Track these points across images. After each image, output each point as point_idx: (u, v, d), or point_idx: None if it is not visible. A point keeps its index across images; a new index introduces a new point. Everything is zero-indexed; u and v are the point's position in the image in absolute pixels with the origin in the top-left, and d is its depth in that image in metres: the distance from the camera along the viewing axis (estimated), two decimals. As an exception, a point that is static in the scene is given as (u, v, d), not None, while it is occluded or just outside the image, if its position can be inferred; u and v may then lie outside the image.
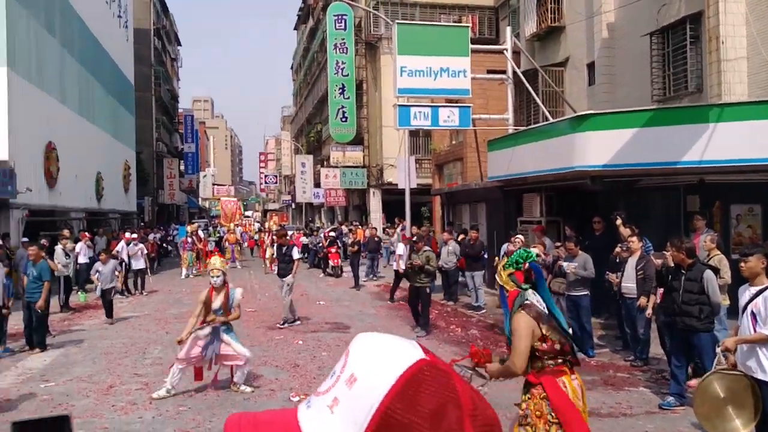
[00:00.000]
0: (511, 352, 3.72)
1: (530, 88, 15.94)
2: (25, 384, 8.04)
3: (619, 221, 9.57)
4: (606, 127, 10.70)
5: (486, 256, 13.98)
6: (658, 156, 10.11)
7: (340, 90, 32.44)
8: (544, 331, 3.63)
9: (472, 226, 14.88)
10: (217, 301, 7.52)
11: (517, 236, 11.16)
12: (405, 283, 13.23)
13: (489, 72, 17.80)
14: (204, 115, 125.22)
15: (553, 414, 3.60)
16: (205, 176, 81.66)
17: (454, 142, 22.24)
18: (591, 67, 17.38)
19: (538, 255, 11.06)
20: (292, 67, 70.17)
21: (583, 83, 17.89)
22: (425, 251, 11.24)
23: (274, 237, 24.23)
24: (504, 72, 16.74)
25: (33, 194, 17.98)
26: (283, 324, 12.03)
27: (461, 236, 14.92)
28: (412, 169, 18.67)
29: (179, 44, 68.04)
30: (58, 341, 10.81)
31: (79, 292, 15.94)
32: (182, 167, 59.37)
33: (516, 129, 15.55)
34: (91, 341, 10.84)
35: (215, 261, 7.92)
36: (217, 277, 7.59)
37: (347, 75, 32.47)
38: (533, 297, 3.80)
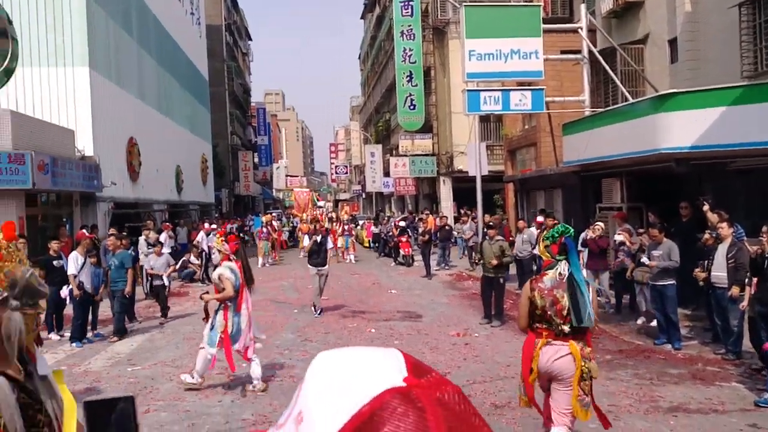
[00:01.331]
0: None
1: (608, 68, 15.26)
2: (113, 367, 8.42)
3: (706, 207, 9.12)
4: (692, 107, 10.18)
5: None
6: (749, 136, 9.47)
7: (408, 77, 32.23)
8: (534, 297, 4.39)
9: (547, 214, 14.41)
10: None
11: (598, 223, 10.74)
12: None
13: (562, 52, 17.18)
14: (275, 107, 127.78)
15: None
16: (278, 168, 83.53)
17: (526, 127, 21.67)
18: (673, 43, 16.45)
19: (622, 242, 10.72)
20: (359, 57, 70.43)
21: (664, 61, 16.96)
22: (498, 240, 10.99)
23: (345, 227, 24.62)
24: (578, 52, 16.11)
25: (117, 188, 18.86)
26: (319, 312, 12.08)
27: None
28: (483, 155, 18.32)
29: (250, 39, 69.54)
30: (144, 327, 11.30)
31: (162, 280, 16.61)
32: (256, 159, 60.87)
33: (593, 111, 14.94)
34: (174, 327, 11.26)
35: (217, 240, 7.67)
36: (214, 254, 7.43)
37: (415, 62, 32.21)
38: (564, 268, 4.36)
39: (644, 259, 9.11)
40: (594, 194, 14.17)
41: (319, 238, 12.30)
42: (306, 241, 13.82)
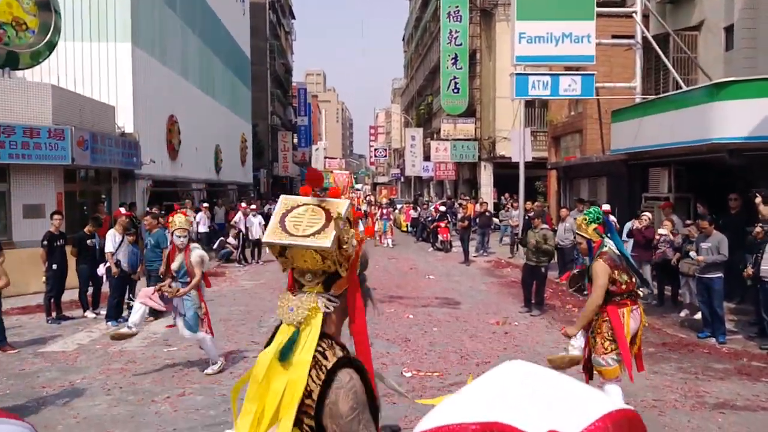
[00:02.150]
0: (591, 290, 5.00)
1: (662, 54, 14.61)
2: (149, 348, 8.43)
3: (758, 199, 8.85)
4: (748, 96, 9.82)
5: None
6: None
7: (453, 60, 31.67)
8: (615, 276, 4.87)
9: (591, 203, 13.95)
10: (177, 262, 7.14)
11: (645, 213, 10.36)
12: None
13: (614, 37, 16.55)
14: (316, 88, 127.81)
15: (609, 333, 4.92)
16: (317, 149, 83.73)
17: (573, 113, 21.03)
18: (729, 30, 15.67)
19: (663, 235, 10.33)
20: (403, 39, 69.75)
21: (719, 48, 16.18)
22: (542, 229, 10.69)
23: (383, 211, 24.44)
24: (629, 37, 15.49)
25: (156, 165, 18.94)
26: None
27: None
28: (527, 141, 17.87)
29: (293, 17, 69.41)
30: (180, 306, 11.32)
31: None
32: (295, 140, 61.04)
33: (643, 98, 14.34)
34: (211, 307, 11.09)
35: (179, 219, 7.18)
36: (182, 237, 7.08)
37: (460, 44, 31.61)
38: (611, 244, 5.02)
39: (692, 254, 8.95)
40: (641, 183, 13.69)
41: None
42: None
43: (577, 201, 13.44)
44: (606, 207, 11.28)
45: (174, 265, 7.14)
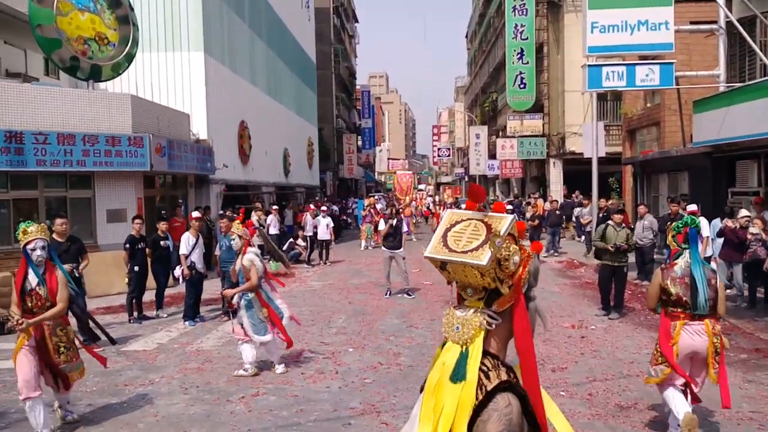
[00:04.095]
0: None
1: (748, 38, 13.73)
2: (224, 347, 8.54)
3: None
4: None
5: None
6: None
7: (519, 55, 31.01)
8: (666, 285, 4.97)
9: (671, 199, 13.24)
10: (237, 264, 7.30)
11: (743, 211, 9.67)
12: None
13: (692, 23, 15.68)
14: (379, 90, 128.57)
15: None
16: (380, 151, 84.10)
17: (649, 105, 20.11)
18: (824, 9, 14.58)
19: (755, 234, 9.62)
20: (466, 36, 69.06)
21: (812, 30, 15.10)
22: (624, 228, 10.16)
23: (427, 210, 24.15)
24: (708, 23, 14.62)
25: (229, 170, 19.45)
26: (388, 294, 12.40)
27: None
28: (600, 136, 17.19)
29: (356, 21, 69.99)
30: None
31: (271, 261, 16.95)
32: (359, 142, 61.48)
33: (729, 86, 13.50)
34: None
35: (236, 225, 7.44)
36: (235, 241, 7.29)
37: (526, 38, 30.91)
38: (685, 256, 4.98)
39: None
40: (727, 177, 12.87)
41: (394, 222, 12.59)
42: (381, 227, 14.08)
43: (672, 200, 12.66)
44: (693, 207, 10.67)
45: (236, 267, 7.33)
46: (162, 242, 10.65)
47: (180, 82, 17.96)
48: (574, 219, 20.65)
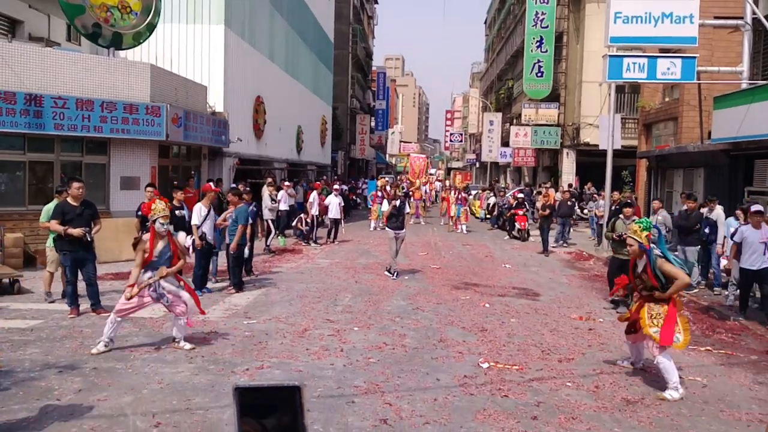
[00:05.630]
0: (676, 274, 6.15)
1: (773, 35, 13.52)
2: (230, 319, 8.59)
3: None
4: None
5: (707, 230, 11.74)
6: None
7: (538, 43, 30.68)
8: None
9: (687, 195, 13.11)
10: (159, 247, 6.99)
11: (757, 205, 9.50)
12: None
13: (716, 18, 15.43)
14: (395, 73, 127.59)
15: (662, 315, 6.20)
16: (393, 133, 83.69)
17: (667, 99, 19.88)
18: None
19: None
20: (485, 22, 68.40)
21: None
22: (633, 221, 10.07)
23: (459, 196, 24.03)
24: (732, 18, 14.37)
25: (242, 144, 19.44)
26: (395, 275, 12.49)
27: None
28: (617, 128, 17.02)
29: (376, 2, 69.34)
30: (260, 281, 11.54)
31: (279, 237, 17.00)
32: (372, 123, 61.23)
33: (752, 83, 13.31)
34: (289, 284, 11.40)
35: (160, 206, 7.14)
36: (165, 225, 7.00)
37: (546, 27, 30.57)
38: (657, 249, 6.31)
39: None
40: (745, 176, 12.72)
41: (398, 203, 12.72)
42: (383, 209, 14.27)
43: (688, 197, 12.41)
44: (758, 207, 10.24)
45: (156, 250, 7.00)
46: (177, 212, 10.65)
47: (199, 54, 17.93)
48: (586, 212, 20.58)
